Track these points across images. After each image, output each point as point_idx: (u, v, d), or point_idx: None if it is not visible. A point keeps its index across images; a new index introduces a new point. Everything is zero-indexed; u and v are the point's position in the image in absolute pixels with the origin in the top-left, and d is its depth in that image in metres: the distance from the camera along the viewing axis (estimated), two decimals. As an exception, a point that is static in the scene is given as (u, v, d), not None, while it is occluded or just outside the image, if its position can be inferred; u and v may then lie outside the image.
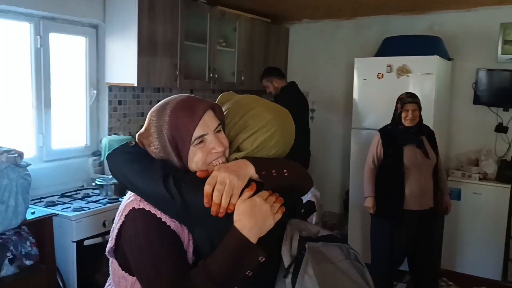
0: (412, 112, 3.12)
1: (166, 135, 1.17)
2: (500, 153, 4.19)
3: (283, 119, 1.29)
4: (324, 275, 1.10)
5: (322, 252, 1.14)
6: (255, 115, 1.25)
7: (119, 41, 3.37)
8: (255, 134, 1.23)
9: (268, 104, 1.32)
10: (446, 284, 3.84)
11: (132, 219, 1.17)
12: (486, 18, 4.19)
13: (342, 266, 1.15)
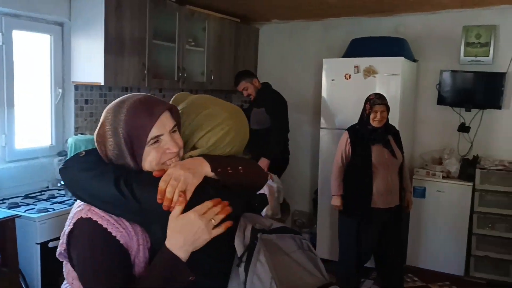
0: (381, 113, 3.19)
1: (121, 133, 1.17)
2: (462, 152, 4.32)
3: (237, 118, 1.32)
4: (277, 263, 1.13)
5: (276, 243, 1.17)
6: (209, 114, 1.28)
7: (85, 39, 3.31)
8: (209, 133, 1.26)
9: (222, 103, 1.35)
10: (411, 280, 3.94)
11: (80, 228, 1.17)
12: (449, 21, 4.32)
13: (295, 256, 1.18)
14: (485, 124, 4.24)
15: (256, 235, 1.15)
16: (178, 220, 1.13)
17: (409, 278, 3.95)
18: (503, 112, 4.17)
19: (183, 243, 1.12)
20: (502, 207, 3.90)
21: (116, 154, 1.19)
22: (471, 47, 4.22)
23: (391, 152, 3.26)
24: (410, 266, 4.15)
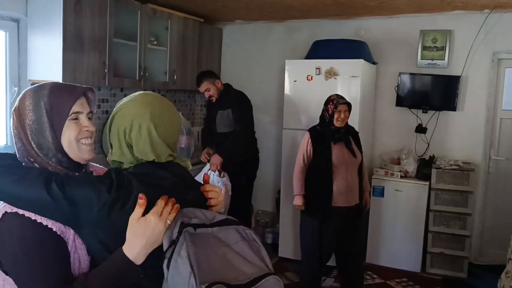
0: (344, 113, 3.27)
1: (43, 106, 1.22)
2: (419, 152, 4.46)
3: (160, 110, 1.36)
4: (211, 256, 1.13)
5: (217, 236, 1.18)
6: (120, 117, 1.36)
7: (42, 36, 3.22)
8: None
9: (131, 101, 1.38)
10: (370, 277, 4.04)
11: (6, 224, 1.12)
12: (407, 25, 4.45)
13: (237, 247, 1.18)
14: (441, 125, 4.40)
15: (182, 230, 1.14)
16: (140, 224, 1.13)
17: (368, 276, 4.04)
18: (457, 114, 4.34)
19: (143, 247, 1.13)
20: (456, 205, 4.06)
21: (35, 129, 1.22)
22: (428, 50, 4.37)
23: (351, 152, 3.33)
24: (369, 264, 4.25)
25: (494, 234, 4.36)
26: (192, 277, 1.06)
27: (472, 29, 4.21)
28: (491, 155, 4.35)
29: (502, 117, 4.31)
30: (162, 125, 1.31)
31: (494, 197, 4.38)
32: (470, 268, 4.13)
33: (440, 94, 4.34)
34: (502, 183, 4.34)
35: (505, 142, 4.31)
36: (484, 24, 4.14)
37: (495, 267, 3.94)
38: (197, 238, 1.14)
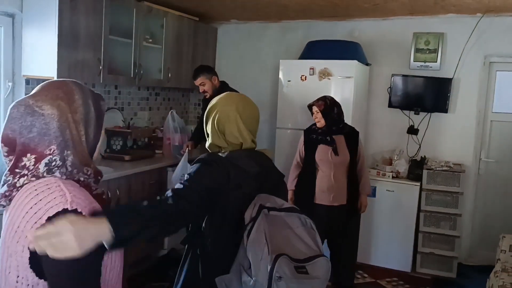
0: (316, 114, 3.33)
1: (91, 103, 1.27)
2: (411, 153, 4.51)
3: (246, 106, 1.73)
4: (278, 234, 1.45)
5: (284, 219, 1.50)
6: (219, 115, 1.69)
7: (37, 32, 3.22)
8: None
9: (221, 98, 1.73)
10: (361, 276, 4.07)
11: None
12: (400, 27, 4.50)
13: (298, 231, 1.50)
14: (432, 127, 4.45)
15: (260, 210, 1.47)
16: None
17: (359, 275, 4.07)
18: (449, 115, 4.39)
19: None
20: (446, 206, 4.11)
21: (85, 122, 1.23)
22: (420, 53, 4.42)
23: (334, 151, 3.32)
24: (360, 263, 4.28)
25: (484, 235, 4.41)
26: (266, 247, 1.39)
27: (464, 32, 4.26)
28: (481, 157, 4.41)
29: (492, 119, 4.36)
30: (244, 115, 1.68)
31: (484, 198, 4.43)
32: (460, 268, 4.18)
33: (432, 96, 4.39)
34: (492, 184, 4.40)
35: (495, 144, 4.37)
36: (476, 28, 4.19)
37: (484, 267, 4.00)
38: (269, 218, 1.47)
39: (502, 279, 2.92)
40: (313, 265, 1.42)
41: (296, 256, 1.41)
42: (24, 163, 1.14)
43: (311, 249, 1.46)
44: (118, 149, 4.02)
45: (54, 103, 1.16)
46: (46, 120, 1.14)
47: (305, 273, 1.39)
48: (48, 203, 1.08)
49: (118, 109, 4.28)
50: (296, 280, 1.36)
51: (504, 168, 4.34)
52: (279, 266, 1.35)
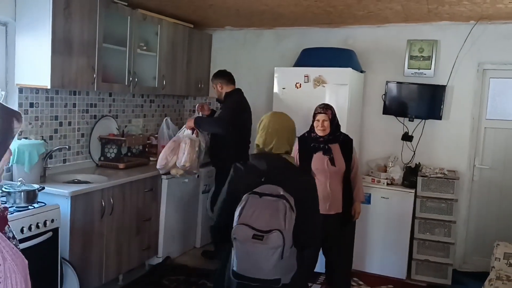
0: (322, 122, 3.28)
1: None
2: (405, 160, 4.52)
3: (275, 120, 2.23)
4: (257, 209, 1.96)
5: (272, 202, 1.97)
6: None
7: (31, 40, 3.20)
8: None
9: (271, 115, 2.28)
10: (356, 284, 4.07)
11: None
12: (394, 35, 4.52)
13: (279, 210, 1.94)
14: (427, 134, 4.47)
15: (249, 195, 2.00)
16: None
17: (354, 282, 4.07)
18: (443, 122, 4.40)
19: None
20: (441, 213, 4.12)
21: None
22: (415, 60, 4.44)
23: (331, 161, 3.31)
24: (355, 271, 4.27)
25: (478, 242, 4.42)
26: (238, 218, 1.94)
27: (458, 39, 4.28)
28: (475, 163, 4.42)
29: (486, 126, 4.38)
30: (270, 129, 2.16)
31: (478, 205, 4.45)
32: (455, 275, 4.18)
33: (426, 103, 4.41)
34: (486, 191, 4.42)
35: (489, 150, 4.39)
36: (470, 35, 4.22)
37: (479, 274, 4.00)
38: (261, 200, 1.94)
39: (496, 287, 2.93)
40: (268, 235, 1.88)
41: (260, 227, 1.90)
42: None
43: (276, 224, 1.90)
44: (113, 157, 4.01)
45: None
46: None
47: (260, 240, 1.89)
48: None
49: (112, 117, 4.26)
50: (246, 242, 1.90)
51: (498, 175, 4.36)
52: (236, 230, 1.94)
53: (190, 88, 4.91)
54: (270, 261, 1.89)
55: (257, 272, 1.93)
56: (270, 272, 1.91)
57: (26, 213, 2.71)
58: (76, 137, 3.87)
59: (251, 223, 1.91)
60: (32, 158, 3.16)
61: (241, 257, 1.94)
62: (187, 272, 4.05)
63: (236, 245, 1.94)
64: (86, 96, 3.94)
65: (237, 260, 1.95)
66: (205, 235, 4.75)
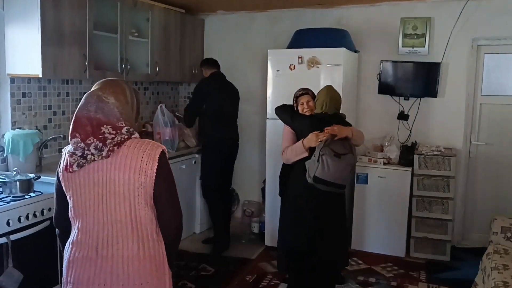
0: (307, 103, 3.31)
1: None
2: (402, 139, 4.52)
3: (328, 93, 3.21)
4: (333, 144, 3.00)
5: (339, 141, 3.04)
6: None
7: (20, 30, 3.17)
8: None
9: (325, 89, 3.25)
10: (356, 263, 4.09)
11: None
12: (388, 13, 4.49)
13: (344, 144, 3.04)
14: (422, 112, 4.46)
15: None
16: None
17: (353, 262, 4.10)
18: (438, 100, 4.40)
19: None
20: (438, 190, 4.13)
21: None
22: (408, 38, 4.41)
23: None
24: (354, 250, 4.31)
25: (476, 218, 4.45)
26: (322, 144, 2.98)
27: (451, 16, 4.25)
28: (471, 140, 4.43)
29: (481, 102, 4.38)
30: (328, 98, 3.17)
31: (475, 181, 4.47)
32: (453, 251, 4.21)
33: (421, 81, 4.39)
34: (483, 167, 4.43)
35: (485, 127, 4.39)
36: (463, 11, 4.19)
37: (477, 249, 4.04)
38: (332, 139, 2.99)
39: (494, 260, 2.95)
40: (345, 156, 2.95)
41: (338, 150, 2.93)
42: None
43: (346, 149, 2.99)
44: (108, 145, 3.99)
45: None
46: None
47: (339, 158, 2.92)
48: (152, 147, 1.66)
49: (106, 105, 4.23)
50: (331, 158, 2.90)
51: (495, 151, 4.37)
52: (324, 149, 2.92)
53: (184, 74, 4.88)
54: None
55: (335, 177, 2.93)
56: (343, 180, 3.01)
57: (23, 202, 2.71)
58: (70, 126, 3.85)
59: (331, 147, 2.93)
60: (27, 147, 3.15)
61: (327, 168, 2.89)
62: (187, 257, 4.08)
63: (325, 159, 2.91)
64: (79, 85, 3.91)
65: (321, 167, 2.90)
66: (204, 221, 4.77)
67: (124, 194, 1.61)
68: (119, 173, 1.60)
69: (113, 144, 1.61)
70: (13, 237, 2.58)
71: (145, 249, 1.63)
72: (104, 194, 1.61)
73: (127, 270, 1.60)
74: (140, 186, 1.61)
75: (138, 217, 1.62)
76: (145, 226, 1.64)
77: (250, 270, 3.92)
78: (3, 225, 2.57)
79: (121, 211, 1.61)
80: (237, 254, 4.24)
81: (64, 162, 1.69)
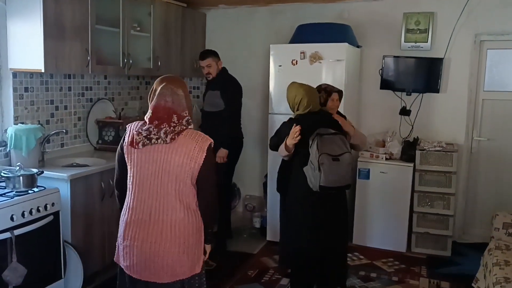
0: (336, 101, 3.33)
1: None
2: (404, 135, 4.52)
3: (308, 90, 3.09)
4: (324, 144, 2.86)
5: (331, 138, 2.92)
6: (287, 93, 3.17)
7: (22, 24, 3.15)
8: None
9: (298, 86, 3.11)
10: (357, 258, 4.10)
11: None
12: (390, 8, 4.47)
13: (337, 142, 2.91)
14: (425, 107, 4.46)
15: (315, 135, 2.88)
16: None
17: (355, 257, 4.11)
18: (441, 95, 4.39)
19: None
20: (440, 185, 4.13)
21: None
22: (411, 33, 4.40)
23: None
24: (356, 245, 4.32)
25: (477, 213, 4.46)
26: (316, 150, 2.81)
27: (454, 11, 4.24)
28: (473, 135, 4.43)
29: (484, 98, 4.37)
30: (308, 96, 3.04)
31: (477, 176, 4.47)
32: (454, 247, 4.22)
33: (423, 77, 4.39)
34: (485, 163, 4.43)
35: (487, 122, 4.39)
36: (466, 6, 4.17)
37: (478, 245, 4.05)
38: (323, 138, 2.86)
39: (496, 256, 2.96)
40: (342, 156, 2.85)
41: (334, 153, 2.84)
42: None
43: (342, 149, 2.87)
44: (111, 140, 3.99)
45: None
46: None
47: (337, 160, 2.83)
48: (203, 139, 2.05)
49: (108, 100, 4.23)
50: (330, 164, 2.80)
51: (496, 146, 4.37)
52: (321, 158, 2.80)
53: (186, 68, 4.87)
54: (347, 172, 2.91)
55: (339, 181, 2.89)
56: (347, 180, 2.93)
57: (26, 197, 2.71)
58: (72, 121, 3.85)
59: (326, 151, 2.83)
60: (30, 142, 3.15)
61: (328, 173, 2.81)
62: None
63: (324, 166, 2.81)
64: (81, 80, 3.91)
65: (324, 176, 2.81)
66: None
67: (176, 174, 1.99)
68: (175, 156, 1.99)
69: (175, 132, 2.00)
70: (17, 232, 2.59)
71: (188, 216, 2.03)
72: (160, 171, 2.00)
73: (174, 231, 2.00)
74: (189, 169, 1.99)
75: (183, 192, 2.01)
76: (187, 200, 2.03)
77: (252, 264, 3.93)
78: (6, 220, 2.58)
79: (171, 187, 2.00)
80: (238, 249, 4.26)
81: (129, 137, 2.05)
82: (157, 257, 2.01)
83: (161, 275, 2.03)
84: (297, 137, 2.89)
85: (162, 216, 2.01)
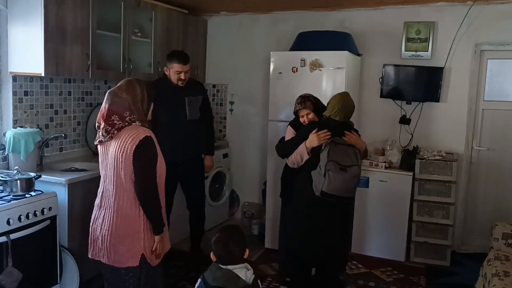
0: (306, 116, 3.32)
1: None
2: (403, 143, 4.51)
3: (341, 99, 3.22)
4: (336, 152, 2.97)
5: (344, 148, 3.02)
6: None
7: (23, 28, 3.16)
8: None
9: (336, 96, 3.26)
10: (355, 267, 4.08)
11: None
12: (391, 17, 4.48)
13: (349, 153, 3.01)
14: (425, 116, 4.45)
15: (328, 143, 3.01)
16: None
17: (353, 265, 4.09)
18: (441, 105, 4.39)
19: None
20: (439, 195, 4.12)
21: None
22: (412, 42, 4.40)
23: None
24: (354, 254, 4.30)
25: (477, 223, 4.44)
26: (326, 157, 2.92)
27: (455, 20, 4.25)
28: (473, 145, 4.42)
29: (484, 107, 4.37)
30: (340, 104, 3.16)
31: (476, 186, 4.45)
32: (453, 257, 4.20)
33: (423, 86, 4.39)
34: (484, 172, 4.42)
35: (487, 132, 4.38)
36: (467, 16, 4.18)
37: (478, 255, 4.03)
38: (337, 147, 2.97)
39: (495, 267, 2.94)
40: (350, 168, 2.93)
41: (343, 163, 2.92)
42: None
43: (352, 162, 2.97)
44: (109, 144, 3.98)
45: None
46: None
47: (344, 171, 2.90)
48: (138, 133, 2.25)
49: (108, 105, 4.23)
50: (337, 172, 2.88)
51: (496, 156, 4.36)
52: (329, 164, 2.89)
53: (186, 74, 4.86)
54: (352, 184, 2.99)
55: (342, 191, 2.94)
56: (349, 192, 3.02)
57: (23, 201, 2.70)
58: (72, 125, 3.85)
59: (335, 159, 2.91)
60: (28, 146, 3.14)
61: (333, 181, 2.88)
62: (186, 258, 4.07)
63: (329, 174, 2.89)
64: (81, 84, 3.91)
65: (328, 182, 2.88)
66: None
67: (114, 166, 2.27)
68: (112, 150, 2.26)
69: (115, 128, 2.26)
70: (13, 236, 2.58)
71: (130, 206, 2.30)
72: (108, 164, 2.31)
73: (116, 216, 2.31)
74: (122, 161, 2.23)
75: (122, 183, 2.28)
76: (128, 191, 2.28)
77: (249, 272, 3.90)
78: (3, 224, 2.57)
79: (114, 178, 2.29)
80: (236, 256, 4.22)
81: None
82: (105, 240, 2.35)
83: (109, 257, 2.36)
84: (326, 137, 3.01)
85: (109, 203, 2.34)
